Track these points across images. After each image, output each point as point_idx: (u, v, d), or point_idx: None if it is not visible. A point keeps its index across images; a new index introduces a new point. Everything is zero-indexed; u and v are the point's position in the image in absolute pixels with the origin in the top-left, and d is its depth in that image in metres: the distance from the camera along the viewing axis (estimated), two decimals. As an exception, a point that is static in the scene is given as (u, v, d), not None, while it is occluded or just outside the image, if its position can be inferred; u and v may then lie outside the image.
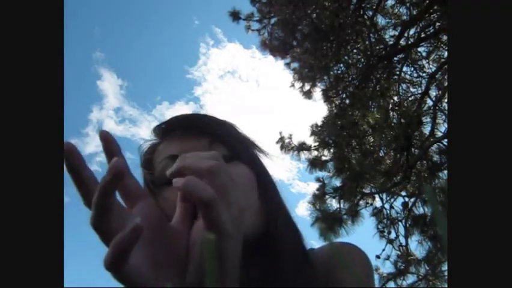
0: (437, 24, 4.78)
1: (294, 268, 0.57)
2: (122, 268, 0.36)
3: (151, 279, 0.38)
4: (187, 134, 0.63)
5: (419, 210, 4.66)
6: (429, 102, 4.91)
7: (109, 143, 0.42)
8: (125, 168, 0.38)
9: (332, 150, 5.11)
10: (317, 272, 0.60)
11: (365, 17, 5.21)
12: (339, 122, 5.01)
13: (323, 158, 5.17)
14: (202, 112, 0.73)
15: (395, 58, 5.23)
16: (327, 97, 5.38)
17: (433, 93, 5.03)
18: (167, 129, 0.66)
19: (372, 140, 4.89)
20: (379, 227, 4.91)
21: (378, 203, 4.95)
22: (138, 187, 0.44)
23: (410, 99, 5.26)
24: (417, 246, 4.62)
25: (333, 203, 4.68)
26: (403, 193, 4.82)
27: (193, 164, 0.43)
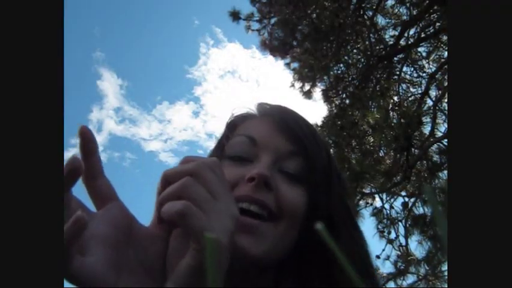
0: (437, 24, 4.78)
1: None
2: (68, 264, 0.34)
3: (108, 280, 0.36)
4: (281, 128, 0.59)
5: (419, 210, 4.67)
6: (429, 102, 4.91)
7: (87, 142, 0.40)
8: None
9: (332, 150, 5.11)
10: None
11: (365, 17, 5.22)
12: (339, 122, 5.01)
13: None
14: (203, 112, 0.71)
15: (395, 58, 5.23)
16: (327, 97, 5.38)
17: (433, 93, 5.03)
18: (270, 113, 0.63)
19: (372, 140, 4.90)
20: (379, 227, 4.91)
21: (378, 203, 4.96)
22: (109, 189, 0.42)
23: (410, 99, 5.27)
24: (417, 247, 4.62)
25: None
26: (403, 193, 4.82)
27: (183, 170, 0.42)
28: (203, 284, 0.37)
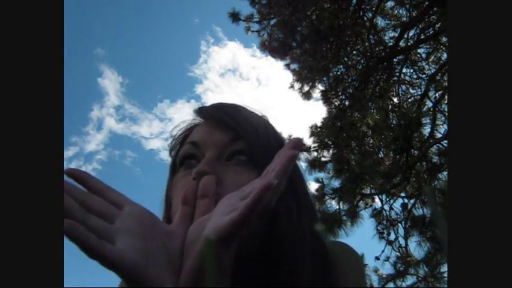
0: (437, 25, 4.79)
1: (295, 276, 0.54)
2: (101, 251, 0.36)
3: (139, 265, 0.38)
4: (215, 124, 0.62)
5: (419, 211, 4.67)
6: (429, 104, 4.91)
7: (78, 177, 0.44)
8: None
9: (331, 151, 5.11)
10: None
11: (365, 18, 5.22)
12: (338, 123, 5.01)
13: (323, 159, 5.16)
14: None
15: (395, 59, 5.23)
16: (326, 98, 5.38)
17: (433, 94, 5.03)
18: (206, 114, 0.66)
19: (371, 141, 4.89)
20: (378, 228, 4.90)
21: (377, 204, 4.95)
22: (122, 196, 0.45)
23: (409, 100, 5.27)
24: (416, 248, 4.62)
25: (333, 204, 4.68)
26: (403, 194, 4.82)
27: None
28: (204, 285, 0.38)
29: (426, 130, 4.45)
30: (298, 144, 0.44)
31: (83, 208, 0.40)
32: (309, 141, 5.34)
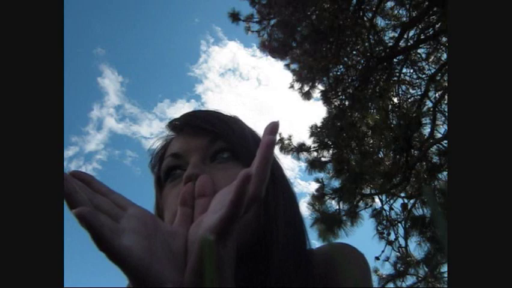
0: (437, 25, 4.79)
1: (287, 274, 0.55)
2: (108, 244, 0.36)
3: (144, 261, 0.38)
4: (191, 132, 0.64)
5: (419, 211, 4.67)
6: (429, 104, 4.91)
7: (80, 177, 0.44)
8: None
9: (331, 152, 5.11)
10: (315, 273, 0.59)
11: (365, 18, 5.22)
12: (338, 123, 5.01)
13: (322, 159, 5.16)
14: (205, 108, 0.73)
15: (395, 60, 5.23)
16: (326, 98, 5.38)
17: (433, 94, 5.04)
18: (176, 126, 0.68)
19: (371, 141, 4.90)
20: (378, 228, 4.91)
21: (377, 204, 4.96)
22: (125, 198, 0.46)
23: (409, 100, 5.27)
24: (416, 248, 4.62)
25: (333, 204, 4.68)
26: (402, 194, 4.82)
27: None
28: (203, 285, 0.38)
29: (426, 130, 4.45)
30: (274, 129, 0.44)
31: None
32: (309, 141, 5.34)
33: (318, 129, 5.27)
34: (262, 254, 0.57)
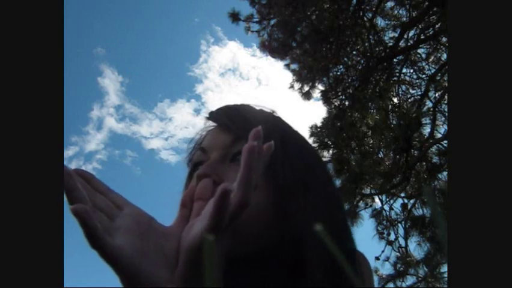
0: (437, 26, 4.79)
1: (320, 278, 0.51)
2: (99, 242, 0.37)
3: (134, 260, 0.39)
4: (221, 128, 0.64)
5: (419, 211, 4.67)
6: (429, 104, 4.92)
7: (82, 175, 0.45)
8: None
9: (331, 152, 5.11)
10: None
11: (365, 18, 5.22)
12: (338, 124, 5.01)
13: (322, 159, 5.16)
14: (204, 110, 0.72)
15: (395, 60, 5.23)
16: (326, 98, 5.38)
17: (433, 94, 5.04)
18: (214, 119, 0.67)
19: (371, 141, 4.89)
20: (378, 228, 4.91)
21: (377, 204, 4.96)
22: (122, 198, 0.47)
23: (409, 100, 5.27)
24: (416, 248, 4.62)
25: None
26: (402, 194, 4.82)
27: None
28: (202, 284, 0.38)
29: (426, 130, 4.46)
30: (256, 136, 0.42)
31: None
32: (309, 141, 5.33)
33: (318, 129, 5.27)
34: (289, 257, 0.54)
